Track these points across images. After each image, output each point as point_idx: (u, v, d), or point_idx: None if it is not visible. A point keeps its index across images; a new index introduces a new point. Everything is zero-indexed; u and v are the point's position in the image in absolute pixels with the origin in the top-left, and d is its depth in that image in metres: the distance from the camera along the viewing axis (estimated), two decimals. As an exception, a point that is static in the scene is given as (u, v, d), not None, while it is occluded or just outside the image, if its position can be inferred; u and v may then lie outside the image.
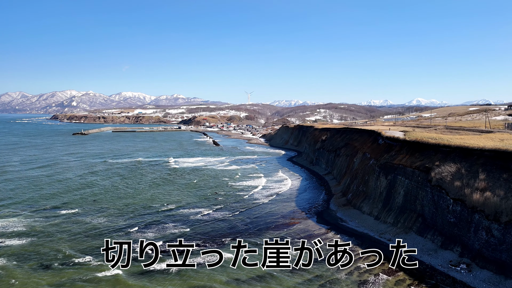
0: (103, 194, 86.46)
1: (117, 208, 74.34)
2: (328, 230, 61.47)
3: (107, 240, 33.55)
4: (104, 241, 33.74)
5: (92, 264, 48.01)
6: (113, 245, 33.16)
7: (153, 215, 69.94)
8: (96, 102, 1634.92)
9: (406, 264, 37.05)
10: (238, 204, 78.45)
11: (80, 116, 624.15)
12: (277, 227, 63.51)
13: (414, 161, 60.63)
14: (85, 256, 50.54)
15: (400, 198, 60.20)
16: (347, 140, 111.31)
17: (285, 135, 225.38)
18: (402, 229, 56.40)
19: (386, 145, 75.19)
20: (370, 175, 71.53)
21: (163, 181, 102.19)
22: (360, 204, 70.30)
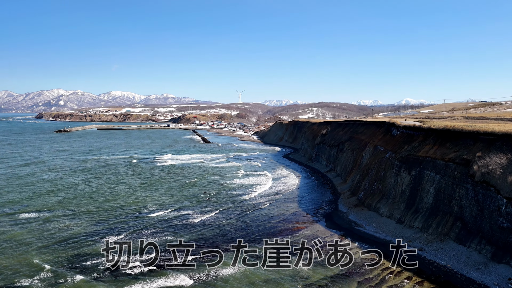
0: (76, 195, 74.20)
1: (90, 211, 62.29)
2: (342, 237, 50.43)
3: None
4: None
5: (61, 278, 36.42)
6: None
7: (131, 219, 58.10)
8: (84, 101, 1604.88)
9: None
10: (231, 206, 67.04)
11: (66, 115, 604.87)
12: (280, 234, 52.22)
13: (446, 152, 49.94)
14: (56, 268, 39.11)
15: (430, 197, 49.45)
16: (351, 133, 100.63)
17: (279, 132, 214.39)
18: (435, 236, 45.61)
19: (404, 136, 64.52)
20: (388, 171, 60.77)
21: (146, 181, 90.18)
22: (376, 204, 59.47)
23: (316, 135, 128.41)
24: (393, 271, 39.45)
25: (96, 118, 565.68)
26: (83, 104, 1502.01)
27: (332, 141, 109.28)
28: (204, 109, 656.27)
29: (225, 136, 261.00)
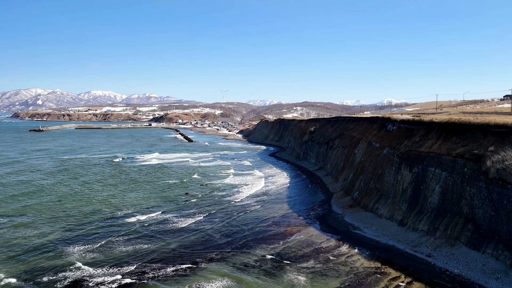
0: (41, 198, 66.99)
1: (53, 216, 55.43)
2: (339, 242, 45.38)
3: None
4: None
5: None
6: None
7: (105, 225, 51.63)
8: (63, 100, 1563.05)
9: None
10: (217, 208, 61.24)
11: (43, 114, 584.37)
12: (270, 239, 46.83)
13: (452, 147, 45.48)
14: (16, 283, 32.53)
15: (435, 196, 44.89)
16: (341, 130, 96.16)
17: (264, 130, 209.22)
18: (444, 240, 40.99)
19: (402, 131, 60.07)
20: (386, 168, 56.14)
21: (120, 181, 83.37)
22: (373, 205, 54.74)
23: (304, 133, 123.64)
24: (403, 282, 34.52)
25: (75, 117, 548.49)
26: (62, 103, 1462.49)
27: (321, 138, 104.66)
28: (187, 109, 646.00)
29: (209, 135, 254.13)
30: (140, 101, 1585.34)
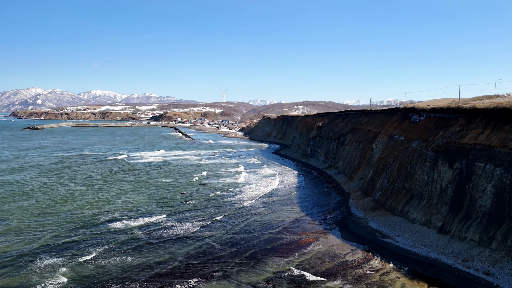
0: (19, 198, 58.57)
1: (32, 219, 47.00)
2: (368, 254, 36.95)
3: None
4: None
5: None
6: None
7: (84, 230, 43.21)
8: (63, 100, 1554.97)
9: None
10: (218, 212, 52.83)
11: (41, 113, 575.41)
12: (283, 250, 38.40)
13: (507, 137, 37.01)
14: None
15: (487, 198, 36.41)
16: (353, 124, 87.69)
17: (266, 128, 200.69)
18: (504, 253, 32.53)
19: (433, 121, 51.60)
20: (416, 164, 47.69)
21: (110, 180, 75.01)
22: (403, 207, 46.31)
23: (310, 128, 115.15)
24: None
25: (73, 116, 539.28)
26: (62, 103, 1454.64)
27: (331, 133, 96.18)
28: (187, 108, 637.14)
29: (209, 133, 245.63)
30: (140, 100, 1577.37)
